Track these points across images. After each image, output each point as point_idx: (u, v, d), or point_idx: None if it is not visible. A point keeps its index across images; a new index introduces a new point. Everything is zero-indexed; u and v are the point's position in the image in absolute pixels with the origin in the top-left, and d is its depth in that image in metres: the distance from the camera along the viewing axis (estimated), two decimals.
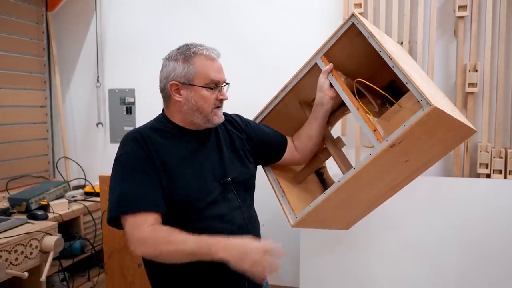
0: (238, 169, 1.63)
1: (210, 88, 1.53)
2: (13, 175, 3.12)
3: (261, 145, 1.77)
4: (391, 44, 1.78)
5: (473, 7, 2.62)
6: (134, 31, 3.32)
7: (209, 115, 1.55)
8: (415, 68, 1.78)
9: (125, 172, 1.48)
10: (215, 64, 1.55)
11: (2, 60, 3.07)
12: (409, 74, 1.41)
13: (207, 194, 1.51)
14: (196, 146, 1.57)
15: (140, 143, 1.50)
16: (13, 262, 2.12)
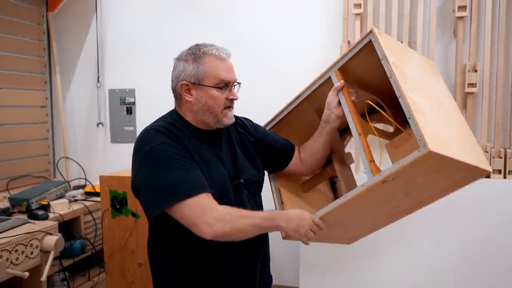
0: (250, 171, 1.62)
1: (220, 88, 1.52)
2: (14, 175, 3.13)
3: (268, 151, 1.75)
4: (415, 64, 1.65)
5: (472, 7, 2.62)
6: (134, 31, 3.32)
7: (219, 116, 1.53)
8: (434, 93, 1.62)
9: (168, 161, 1.42)
10: (225, 64, 1.53)
11: (3, 60, 3.08)
12: (413, 108, 1.32)
13: (224, 195, 1.51)
14: (210, 147, 1.56)
15: (168, 135, 1.48)
16: (14, 262, 2.12)
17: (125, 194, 2.48)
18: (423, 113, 1.36)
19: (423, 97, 1.45)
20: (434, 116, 1.43)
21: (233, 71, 1.56)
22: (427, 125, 1.32)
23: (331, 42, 2.92)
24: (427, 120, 1.35)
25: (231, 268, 1.54)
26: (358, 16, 2.80)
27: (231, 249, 1.50)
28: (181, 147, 1.46)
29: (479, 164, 1.47)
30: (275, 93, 3.05)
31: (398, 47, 1.60)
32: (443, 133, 1.40)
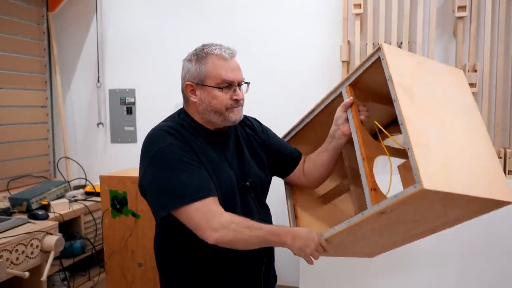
0: (256, 173, 1.61)
1: (222, 88, 1.50)
2: (14, 175, 3.13)
3: (274, 155, 1.73)
4: (431, 79, 1.53)
5: (472, 7, 2.62)
6: (135, 31, 3.33)
7: (224, 114, 1.51)
8: (450, 112, 1.48)
9: (175, 163, 1.42)
10: (227, 64, 1.51)
11: (3, 60, 3.08)
12: (412, 139, 1.25)
13: (230, 197, 1.51)
14: (218, 147, 1.56)
15: (176, 136, 1.48)
16: (14, 262, 2.13)
17: (125, 194, 2.49)
18: (425, 144, 1.28)
19: (430, 121, 1.37)
20: (440, 144, 1.34)
21: (238, 70, 1.54)
22: (426, 158, 1.24)
23: (331, 42, 2.93)
24: (430, 151, 1.28)
25: (236, 271, 1.55)
26: (358, 16, 2.80)
27: (236, 253, 1.48)
28: (188, 149, 1.46)
29: (494, 196, 1.35)
30: (275, 93, 3.06)
31: (412, 62, 1.49)
32: (449, 164, 1.30)
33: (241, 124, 1.67)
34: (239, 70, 1.54)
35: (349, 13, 2.83)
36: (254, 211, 1.56)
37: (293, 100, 3.01)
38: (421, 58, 1.57)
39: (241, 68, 1.56)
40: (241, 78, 1.54)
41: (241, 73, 1.55)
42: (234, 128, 1.64)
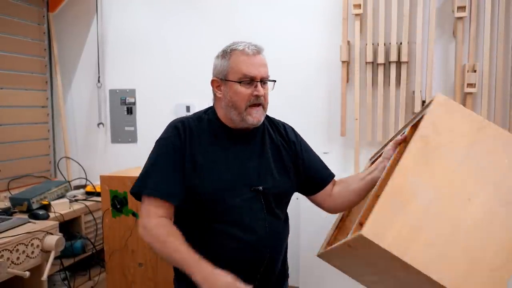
0: (275, 180, 1.56)
1: (243, 82, 1.50)
2: (15, 175, 3.14)
3: (304, 170, 1.66)
4: (477, 151, 1.32)
5: (471, 8, 2.63)
6: (135, 32, 3.33)
7: (243, 113, 1.51)
8: (483, 196, 1.28)
9: (156, 155, 1.54)
10: (250, 59, 1.51)
11: (4, 60, 3.09)
12: (389, 189, 1.20)
13: (231, 198, 1.50)
14: (235, 147, 1.55)
15: (179, 132, 1.53)
16: (15, 262, 2.13)
17: (126, 194, 2.49)
18: (401, 201, 1.21)
19: (431, 186, 1.25)
20: (425, 211, 1.22)
21: (261, 66, 1.52)
22: (389, 213, 1.18)
23: (331, 42, 2.94)
24: (400, 210, 1.19)
25: (236, 259, 1.52)
26: (358, 17, 2.81)
27: (228, 257, 1.49)
28: (180, 148, 1.50)
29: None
30: (275, 92, 3.05)
31: (470, 127, 1.33)
32: (419, 233, 1.19)
33: (273, 129, 1.66)
34: (263, 66, 1.53)
35: (349, 14, 2.84)
36: (259, 217, 1.52)
37: (293, 100, 3.02)
38: (485, 124, 1.34)
39: (266, 65, 1.55)
40: (264, 74, 1.52)
41: (266, 69, 1.54)
42: (262, 131, 1.62)
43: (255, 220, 1.51)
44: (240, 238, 1.49)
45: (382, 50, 2.77)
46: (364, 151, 2.90)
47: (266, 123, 1.65)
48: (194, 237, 1.51)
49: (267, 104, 1.57)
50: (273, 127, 1.67)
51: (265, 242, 1.51)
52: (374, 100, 2.84)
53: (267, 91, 1.56)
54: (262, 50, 1.56)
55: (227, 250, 1.49)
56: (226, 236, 1.49)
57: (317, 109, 3.00)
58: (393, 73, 2.78)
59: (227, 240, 1.50)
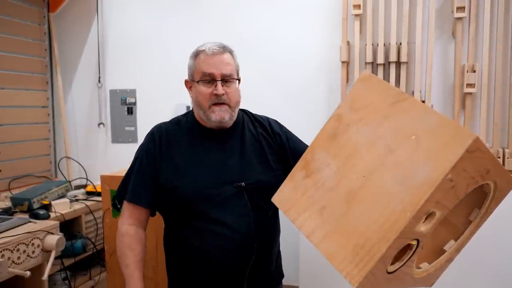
0: (258, 175, 1.57)
1: (202, 81, 1.54)
2: (16, 174, 3.15)
3: (292, 159, 1.62)
4: (393, 127, 1.26)
5: (471, 8, 2.63)
6: (135, 32, 3.34)
7: (207, 111, 1.54)
8: (381, 171, 1.23)
9: (134, 162, 1.62)
10: (210, 59, 1.53)
11: (5, 60, 3.09)
12: (301, 163, 1.30)
13: (213, 196, 1.51)
14: (214, 146, 1.58)
15: (154, 138, 1.60)
16: (15, 261, 2.14)
17: None
18: (311, 171, 1.29)
19: (338, 163, 1.28)
20: (327, 184, 1.27)
21: (222, 65, 1.53)
22: (294, 180, 1.30)
23: (331, 43, 2.94)
24: (307, 179, 1.29)
25: (221, 265, 1.54)
26: (358, 17, 2.81)
27: (213, 257, 1.53)
28: (153, 154, 1.58)
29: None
30: (275, 93, 3.07)
31: (381, 99, 1.30)
32: (308, 193, 1.28)
33: (255, 125, 1.67)
34: (224, 65, 1.53)
35: (348, 14, 2.84)
36: (244, 213, 1.52)
37: (292, 100, 3.03)
38: (402, 99, 1.27)
39: (230, 64, 1.55)
40: (225, 72, 1.53)
41: (228, 68, 1.54)
42: (242, 128, 1.64)
43: (240, 217, 1.52)
44: (225, 236, 1.49)
45: (381, 51, 2.77)
46: None
47: (246, 120, 1.68)
48: (180, 237, 1.57)
49: (235, 102, 1.57)
50: (256, 123, 1.69)
51: (251, 239, 1.51)
52: None
53: (232, 89, 1.55)
54: (228, 50, 1.57)
55: (212, 249, 1.50)
56: (211, 234, 1.50)
57: (317, 109, 3.00)
58: (393, 73, 2.78)
59: (212, 239, 1.50)
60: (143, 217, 1.61)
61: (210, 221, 1.51)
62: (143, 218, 1.61)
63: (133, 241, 1.56)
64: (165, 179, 1.54)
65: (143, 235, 1.60)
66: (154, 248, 2.47)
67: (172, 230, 1.62)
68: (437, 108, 2.79)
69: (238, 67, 1.61)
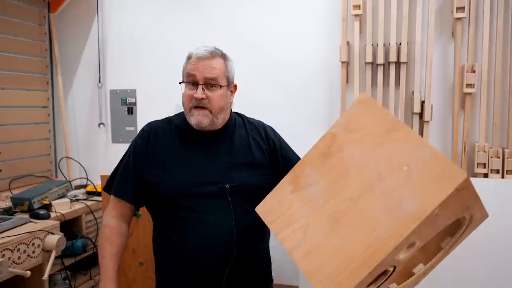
0: (244, 178, 1.56)
1: (185, 83, 1.57)
2: (16, 174, 3.15)
3: (283, 168, 1.65)
4: (383, 155, 1.26)
5: (470, 8, 2.64)
6: (136, 32, 3.34)
7: (188, 114, 1.57)
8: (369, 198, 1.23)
9: (123, 157, 1.67)
10: (195, 62, 1.55)
11: (5, 61, 3.10)
12: (288, 178, 1.31)
13: (196, 196, 1.51)
14: (202, 147, 1.58)
15: (143, 135, 1.63)
16: (16, 261, 2.14)
17: None
18: (299, 186, 1.30)
19: (326, 183, 1.29)
20: (310, 201, 1.29)
21: (205, 69, 1.53)
22: (280, 191, 1.32)
23: (331, 43, 2.95)
24: (292, 195, 1.30)
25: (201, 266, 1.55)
26: (357, 17, 2.82)
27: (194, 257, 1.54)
28: (141, 149, 1.61)
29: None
30: (274, 93, 3.08)
31: (381, 127, 1.29)
32: (292, 210, 1.29)
33: (247, 129, 1.68)
34: (208, 69, 1.53)
35: (348, 14, 2.85)
36: (226, 215, 1.51)
37: (292, 100, 3.03)
38: (399, 128, 1.27)
39: (214, 69, 1.54)
40: (207, 76, 1.53)
41: (213, 72, 1.54)
42: (232, 131, 1.65)
43: (221, 218, 1.51)
44: (204, 236, 1.50)
45: (381, 51, 2.78)
46: None
47: (238, 123, 1.69)
48: (162, 234, 1.61)
49: (218, 108, 1.56)
50: (249, 127, 1.69)
51: (231, 241, 1.50)
52: None
53: (214, 94, 1.54)
54: (218, 55, 1.57)
55: (191, 248, 1.51)
56: (191, 233, 1.50)
57: (316, 109, 3.00)
58: (393, 73, 2.79)
59: (192, 237, 1.51)
60: (126, 211, 1.64)
61: (191, 220, 1.52)
62: (126, 212, 1.64)
63: (114, 233, 1.60)
64: (149, 175, 1.57)
65: (124, 229, 1.64)
66: None
67: (156, 227, 1.65)
68: (437, 108, 2.79)
69: (229, 73, 1.59)
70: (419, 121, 2.77)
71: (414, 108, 2.74)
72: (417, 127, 2.77)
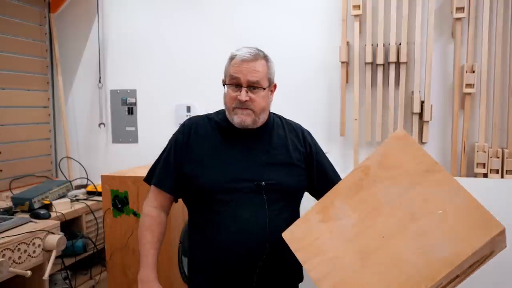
0: (280, 177, 1.61)
1: (229, 85, 1.60)
2: (17, 174, 3.15)
3: (316, 173, 1.73)
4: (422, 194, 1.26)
5: (470, 9, 2.64)
6: (136, 32, 3.34)
7: (230, 113, 1.62)
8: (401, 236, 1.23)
9: (164, 150, 1.74)
10: (240, 65, 1.59)
11: (6, 61, 3.10)
12: (317, 206, 1.35)
13: (232, 191, 1.56)
14: (240, 144, 1.64)
15: (184, 130, 1.70)
16: (16, 261, 2.15)
17: (127, 194, 2.51)
18: (324, 216, 1.32)
19: (358, 215, 1.29)
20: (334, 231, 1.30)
21: (249, 72, 1.58)
22: (307, 220, 1.34)
23: (330, 43, 2.95)
24: (320, 225, 1.31)
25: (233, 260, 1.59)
26: (357, 18, 2.82)
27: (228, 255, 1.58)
28: (183, 142, 1.66)
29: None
30: (274, 93, 3.07)
31: (417, 165, 1.28)
32: (318, 242, 1.30)
33: (285, 129, 1.74)
34: (252, 72, 1.58)
35: (348, 15, 2.85)
36: (261, 211, 1.56)
37: (292, 100, 3.03)
38: (436, 170, 1.25)
39: (259, 72, 1.60)
40: (250, 79, 1.58)
41: (255, 75, 1.58)
42: (271, 130, 1.70)
43: (255, 214, 1.55)
44: (238, 231, 1.54)
45: (381, 51, 2.78)
46: (363, 151, 2.92)
47: (277, 123, 1.75)
48: (197, 227, 1.65)
49: (260, 108, 1.62)
50: (288, 128, 1.76)
51: (264, 237, 1.54)
52: (373, 100, 2.86)
53: (257, 96, 1.59)
54: (260, 57, 1.62)
55: (224, 242, 1.55)
56: (225, 227, 1.54)
57: (316, 109, 3.01)
58: (392, 73, 2.79)
59: (226, 232, 1.55)
60: (166, 202, 1.71)
61: (226, 214, 1.56)
62: (166, 203, 1.71)
63: (154, 222, 1.66)
64: (188, 169, 1.62)
65: (164, 219, 1.70)
66: None
67: (191, 220, 1.71)
68: (437, 108, 2.80)
69: (271, 75, 1.67)
70: (419, 121, 2.78)
71: (413, 108, 2.75)
72: (416, 127, 2.78)
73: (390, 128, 2.82)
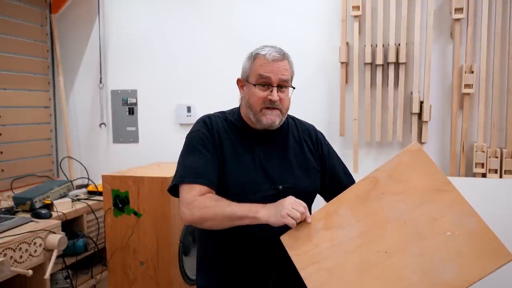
0: (296, 180, 1.60)
1: (258, 85, 1.56)
2: (18, 174, 3.17)
3: (328, 174, 1.71)
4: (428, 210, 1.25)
5: (469, 9, 2.65)
6: (137, 33, 3.36)
7: (257, 114, 1.56)
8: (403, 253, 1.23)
9: (190, 147, 1.59)
10: (269, 64, 1.55)
11: (7, 61, 3.11)
12: (317, 214, 1.31)
13: (251, 194, 1.54)
14: (257, 146, 1.61)
15: (207, 126, 1.61)
16: (18, 260, 2.15)
17: (127, 193, 2.52)
18: (324, 224, 1.28)
19: (360, 226, 1.28)
20: (335, 240, 1.27)
21: (279, 72, 1.55)
22: (305, 227, 1.28)
23: (330, 44, 2.96)
24: (321, 232, 1.28)
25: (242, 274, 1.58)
26: (357, 18, 2.83)
27: (244, 257, 1.56)
28: (210, 138, 1.58)
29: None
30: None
31: (427, 181, 1.26)
32: (319, 249, 1.27)
33: (300, 130, 1.72)
34: (282, 72, 1.56)
35: (347, 15, 2.86)
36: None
37: (292, 100, 3.02)
38: (448, 190, 1.23)
39: (287, 71, 1.58)
40: (282, 78, 1.56)
41: (285, 75, 1.56)
42: (286, 131, 1.68)
43: None
44: (255, 234, 1.52)
45: (380, 51, 2.79)
46: (363, 151, 2.93)
47: (291, 124, 1.72)
48: (212, 237, 1.60)
49: (286, 108, 1.61)
50: (300, 129, 1.72)
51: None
52: (373, 101, 2.87)
53: (285, 95, 1.59)
54: (286, 57, 1.59)
55: (241, 246, 1.54)
56: (242, 231, 1.50)
57: (316, 110, 3.02)
58: (392, 74, 2.80)
59: (243, 235, 1.53)
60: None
61: None
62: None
63: (217, 197, 1.50)
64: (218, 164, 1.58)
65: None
66: (155, 248, 2.50)
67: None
68: (436, 108, 2.81)
69: (293, 74, 1.64)
70: (418, 121, 2.79)
71: (413, 108, 2.76)
72: (416, 127, 2.79)
73: (389, 128, 2.83)
